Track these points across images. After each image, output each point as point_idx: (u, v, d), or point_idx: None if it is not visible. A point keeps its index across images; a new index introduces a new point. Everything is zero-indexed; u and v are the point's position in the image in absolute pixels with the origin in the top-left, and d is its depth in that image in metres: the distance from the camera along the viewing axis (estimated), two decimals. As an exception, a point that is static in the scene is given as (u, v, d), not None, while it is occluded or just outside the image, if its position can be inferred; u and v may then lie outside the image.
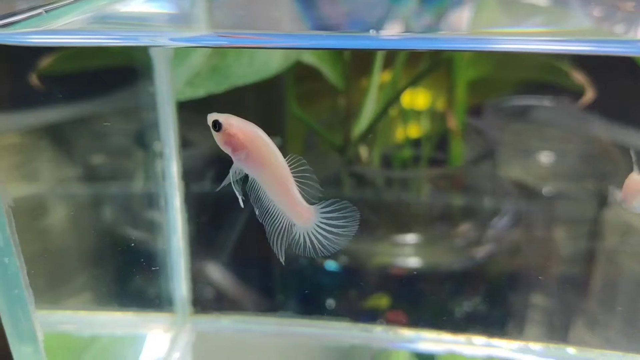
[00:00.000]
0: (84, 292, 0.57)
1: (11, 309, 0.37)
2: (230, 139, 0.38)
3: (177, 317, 0.49)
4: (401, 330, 0.54)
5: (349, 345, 0.51)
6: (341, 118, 0.77)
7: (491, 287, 0.74)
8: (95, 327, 0.49)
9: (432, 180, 0.78)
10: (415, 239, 0.72)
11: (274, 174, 0.39)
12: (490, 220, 0.74)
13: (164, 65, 0.43)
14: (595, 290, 0.78)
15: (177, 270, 0.48)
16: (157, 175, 0.55)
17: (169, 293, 0.50)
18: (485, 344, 0.51)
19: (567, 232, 0.80)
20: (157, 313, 0.51)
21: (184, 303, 0.49)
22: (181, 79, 0.55)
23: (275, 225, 0.41)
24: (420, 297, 0.72)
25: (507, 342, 0.52)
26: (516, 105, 0.82)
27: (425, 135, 0.79)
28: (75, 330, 0.49)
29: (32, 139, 0.79)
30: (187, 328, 0.49)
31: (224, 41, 0.34)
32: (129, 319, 0.50)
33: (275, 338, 0.50)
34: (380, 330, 0.54)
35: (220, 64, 0.57)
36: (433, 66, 0.71)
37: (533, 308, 0.77)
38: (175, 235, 0.48)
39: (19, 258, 0.37)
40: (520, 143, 0.82)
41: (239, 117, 0.39)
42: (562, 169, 0.81)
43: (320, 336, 0.52)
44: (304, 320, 0.53)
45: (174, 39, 0.34)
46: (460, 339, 0.52)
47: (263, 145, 0.39)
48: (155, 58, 0.43)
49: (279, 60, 0.59)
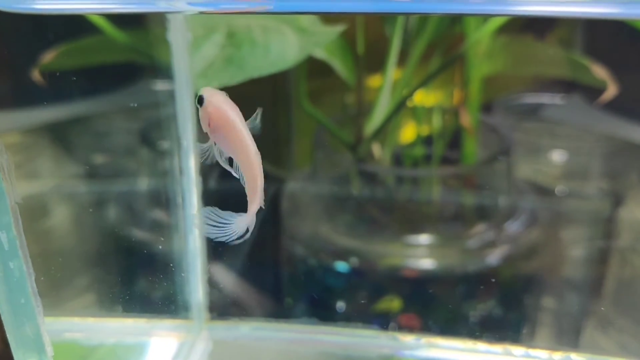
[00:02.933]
0: (93, 297, 0.52)
1: (17, 321, 0.32)
2: (206, 116, 0.36)
3: (194, 324, 0.44)
4: (420, 337, 0.50)
5: (374, 354, 0.46)
6: (352, 115, 0.73)
7: (505, 290, 0.70)
8: (104, 335, 0.44)
9: (445, 179, 0.74)
10: (427, 240, 0.68)
11: (241, 159, 0.36)
12: (505, 221, 0.70)
13: (182, 53, 0.38)
14: (609, 292, 0.74)
15: (193, 273, 0.43)
16: (174, 172, 0.50)
17: (184, 298, 0.45)
18: (524, 355, 0.46)
19: (582, 232, 0.76)
20: (171, 319, 0.45)
21: (200, 309, 0.44)
22: (194, 70, 0.50)
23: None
24: (433, 300, 0.68)
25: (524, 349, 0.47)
26: (529, 103, 0.78)
27: (438, 132, 0.74)
28: (84, 339, 0.43)
29: (32, 137, 0.74)
30: (203, 335, 0.44)
31: (245, 5, 0.30)
32: (140, 326, 0.45)
33: (296, 345, 0.45)
34: (399, 338, 0.49)
35: (234, 55, 0.52)
36: (447, 62, 0.67)
37: (546, 311, 0.73)
38: (191, 234, 0.43)
39: (27, 263, 0.32)
40: (533, 141, 0.78)
41: (225, 97, 0.36)
42: (575, 167, 0.78)
43: (341, 344, 0.47)
44: (323, 327, 0.48)
45: (193, 4, 0.29)
46: (478, 347, 0.48)
47: (232, 131, 0.36)
48: (174, 45, 0.38)
49: (295, 52, 0.55)
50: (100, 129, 0.81)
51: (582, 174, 0.79)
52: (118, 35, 0.55)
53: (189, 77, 0.40)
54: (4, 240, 0.31)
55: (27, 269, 0.31)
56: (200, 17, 0.55)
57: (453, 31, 0.72)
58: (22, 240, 0.32)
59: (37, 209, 0.69)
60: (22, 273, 0.31)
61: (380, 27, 0.73)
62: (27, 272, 0.32)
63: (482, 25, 0.65)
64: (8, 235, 0.31)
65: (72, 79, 0.63)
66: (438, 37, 0.71)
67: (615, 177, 0.77)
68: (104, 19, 0.53)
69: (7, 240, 0.31)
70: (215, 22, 0.54)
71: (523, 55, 0.71)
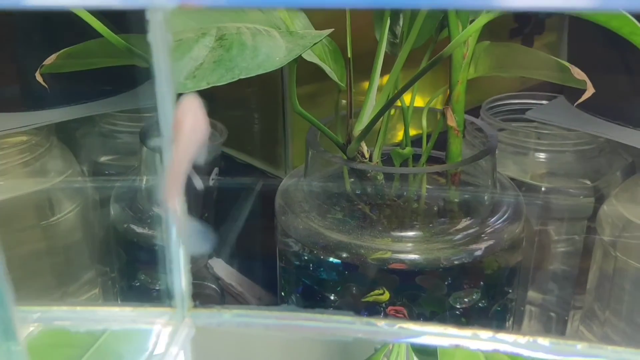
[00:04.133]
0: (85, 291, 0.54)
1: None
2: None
3: (177, 312, 0.46)
4: (405, 324, 0.51)
5: (352, 338, 0.47)
6: (343, 116, 0.74)
7: (489, 282, 0.71)
8: (94, 323, 0.45)
9: (432, 177, 0.75)
10: (415, 235, 0.69)
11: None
12: (490, 217, 0.71)
13: (163, 54, 0.40)
14: (593, 286, 0.75)
15: (176, 262, 0.44)
16: (157, 169, 0.51)
17: (167, 287, 0.46)
18: (490, 338, 0.47)
19: (565, 227, 0.77)
20: (155, 307, 0.47)
21: (183, 297, 0.45)
22: (183, 72, 0.52)
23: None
24: (420, 292, 0.69)
25: (513, 336, 0.48)
26: (514, 104, 0.79)
27: (426, 133, 0.75)
28: (72, 326, 0.45)
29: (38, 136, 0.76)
30: (186, 322, 0.45)
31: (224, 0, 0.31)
32: (127, 314, 0.47)
33: (277, 332, 0.46)
34: (383, 324, 0.50)
35: (223, 56, 0.53)
36: (430, 64, 0.68)
37: (531, 303, 0.74)
38: (174, 227, 0.44)
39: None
40: (518, 141, 0.79)
41: (197, 104, 0.37)
42: (559, 166, 0.78)
43: (322, 329, 0.48)
44: (305, 314, 0.50)
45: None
46: (465, 333, 0.48)
47: (179, 139, 0.36)
48: (154, 46, 0.39)
49: (283, 54, 0.56)
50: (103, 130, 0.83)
51: (565, 172, 0.79)
52: (116, 39, 0.57)
53: (170, 79, 0.41)
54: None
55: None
56: (192, 21, 0.56)
57: (441, 35, 0.73)
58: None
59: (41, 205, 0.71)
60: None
61: (370, 32, 0.74)
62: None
63: (466, 27, 0.66)
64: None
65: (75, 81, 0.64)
66: (425, 41, 0.72)
67: (597, 175, 0.78)
68: (101, 21, 0.55)
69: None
70: (207, 26, 0.56)
71: (507, 59, 0.72)
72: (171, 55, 0.43)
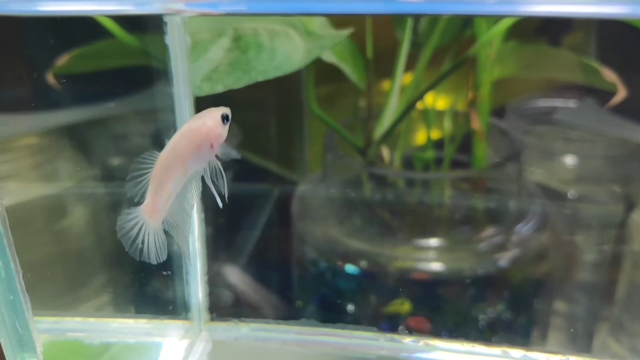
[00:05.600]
0: (96, 297, 0.53)
1: (6, 318, 0.32)
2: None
3: (193, 324, 0.44)
4: (431, 340, 0.49)
5: (375, 356, 0.45)
6: (362, 118, 0.72)
7: (514, 293, 0.68)
8: (107, 335, 0.44)
9: (455, 183, 0.73)
10: (437, 243, 0.67)
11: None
12: (515, 225, 0.68)
13: (181, 56, 0.38)
14: (621, 297, 0.72)
15: (193, 275, 0.42)
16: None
17: (184, 299, 0.44)
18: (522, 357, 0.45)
19: (593, 236, 0.74)
20: (171, 320, 0.45)
21: (200, 309, 0.44)
22: (199, 74, 0.50)
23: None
24: (443, 304, 0.67)
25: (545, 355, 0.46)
26: (540, 107, 0.77)
27: (448, 136, 0.73)
28: (86, 338, 0.43)
29: (49, 139, 0.75)
30: (203, 336, 0.43)
31: (243, 6, 0.29)
32: (142, 326, 0.45)
33: (296, 347, 0.44)
34: (408, 341, 0.48)
35: (240, 58, 0.52)
36: (456, 65, 0.66)
37: (557, 315, 0.72)
38: (192, 236, 0.42)
39: (14, 260, 0.32)
40: (545, 145, 0.77)
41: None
42: (587, 171, 0.76)
43: (342, 345, 0.46)
44: (325, 328, 0.48)
45: (190, 5, 0.29)
46: (494, 351, 0.46)
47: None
48: (172, 48, 0.37)
49: (301, 55, 0.54)
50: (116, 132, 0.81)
51: (594, 178, 0.77)
52: (130, 40, 0.55)
53: (188, 81, 0.40)
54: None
55: (14, 266, 0.31)
56: (207, 21, 0.54)
57: (464, 34, 0.71)
58: (9, 238, 0.32)
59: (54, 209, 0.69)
60: (10, 270, 0.31)
61: (390, 31, 0.72)
62: (14, 270, 0.31)
63: (492, 27, 0.64)
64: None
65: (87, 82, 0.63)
66: (448, 41, 0.70)
67: (627, 181, 0.75)
68: (115, 23, 0.53)
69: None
70: (222, 26, 0.54)
71: (534, 59, 0.69)
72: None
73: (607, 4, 0.32)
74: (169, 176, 0.37)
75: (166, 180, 0.37)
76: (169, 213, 0.38)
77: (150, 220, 0.38)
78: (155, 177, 0.37)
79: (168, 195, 0.38)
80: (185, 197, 0.39)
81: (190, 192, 0.39)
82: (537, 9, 0.33)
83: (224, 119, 0.37)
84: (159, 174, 0.37)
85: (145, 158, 0.37)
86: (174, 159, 0.37)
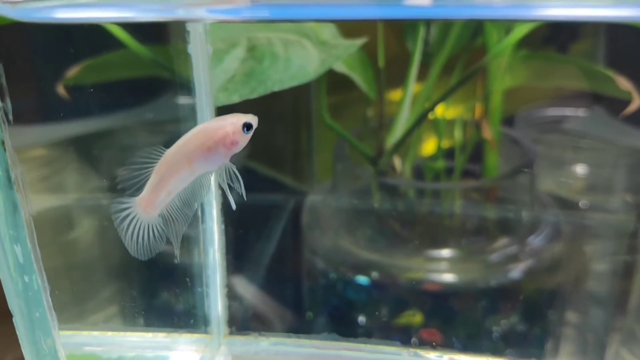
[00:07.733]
0: (113, 310, 0.52)
1: (32, 333, 0.31)
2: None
3: (212, 338, 0.43)
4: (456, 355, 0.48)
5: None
6: (372, 128, 0.72)
7: (527, 304, 0.68)
8: (124, 349, 0.43)
9: (466, 193, 0.72)
10: (449, 254, 0.67)
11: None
12: (528, 235, 0.68)
13: (203, 66, 0.38)
14: (634, 307, 0.72)
15: (212, 287, 0.42)
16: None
17: (204, 312, 0.44)
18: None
19: (605, 246, 0.74)
20: (190, 334, 0.44)
21: (219, 323, 0.43)
22: (215, 84, 0.49)
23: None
24: (455, 315, 0.66)
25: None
26: (552, 116, 0.76)
27: (459, 145, 0.73)
28: (103, 352, 0.43)
29: (59, 150, 0.74)
30: (222, 350, 0.43)
31: (266, 12, 0.29)
32: (160, 340, 0.44)
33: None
34: (432, 356, 0.48)
35: (255, 68, 0.51)
36: (468, 75, 0.66)
37: (570, 326, 0.71)
38: (212, 247, 0.42)
39: (42, 276, 0.31)
40: (556, 154, 0.76)
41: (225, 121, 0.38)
42: (598, 180, 0.76)
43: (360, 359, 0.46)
44: (346, 343, 0.47)
45: (212, 11, 0.28)
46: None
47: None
48: (194, 58, 0.37)
49: (316, 65, 0.54)
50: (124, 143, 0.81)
51: (605, 187, 0.77)
52: (141, 50, 0.55)
53: (209, 91, 0.39)
54: (19, 254, 0.30)
55: (41, 282, 0.31)
56: (221, 31, 0.54)
57: (474, 44, 0.71)
58: (37, 253, 0.31)
59: (61, 220, 0.69)
60: (38, 287, 0.31)
61: (401, 40, 0.72)
62: (42, 286, 0.31)
63: (504, 38, 0.64)
64: (23, 249, 0.30)
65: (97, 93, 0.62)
66: (459, 51, 0.70)
67: (639, 190, 0.75)
68: (127, 33, 0.53)
69: (22, 254, 0.30)
70: (237, 36, 0.54)
71: (545, 68, 0.69)
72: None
73: (619, 7, 0.32)
74: (172, 173, 0.37)
75: (169, 176, 0.37)
76: (168, 208, 0.38)
77: (143, 213, 0.37)
78: (158, 172, 0.37)
79: (169, 191, 0.37)
80: (190, 196, 0.39)
81: (197, 192, 0.39)
82: (550, 13, 0.32)
83: (246, 127, 0.37)
84: (163, 169, 0.36)
85: (151, 152, 0.37)
86: (181, 157, 0.37)
